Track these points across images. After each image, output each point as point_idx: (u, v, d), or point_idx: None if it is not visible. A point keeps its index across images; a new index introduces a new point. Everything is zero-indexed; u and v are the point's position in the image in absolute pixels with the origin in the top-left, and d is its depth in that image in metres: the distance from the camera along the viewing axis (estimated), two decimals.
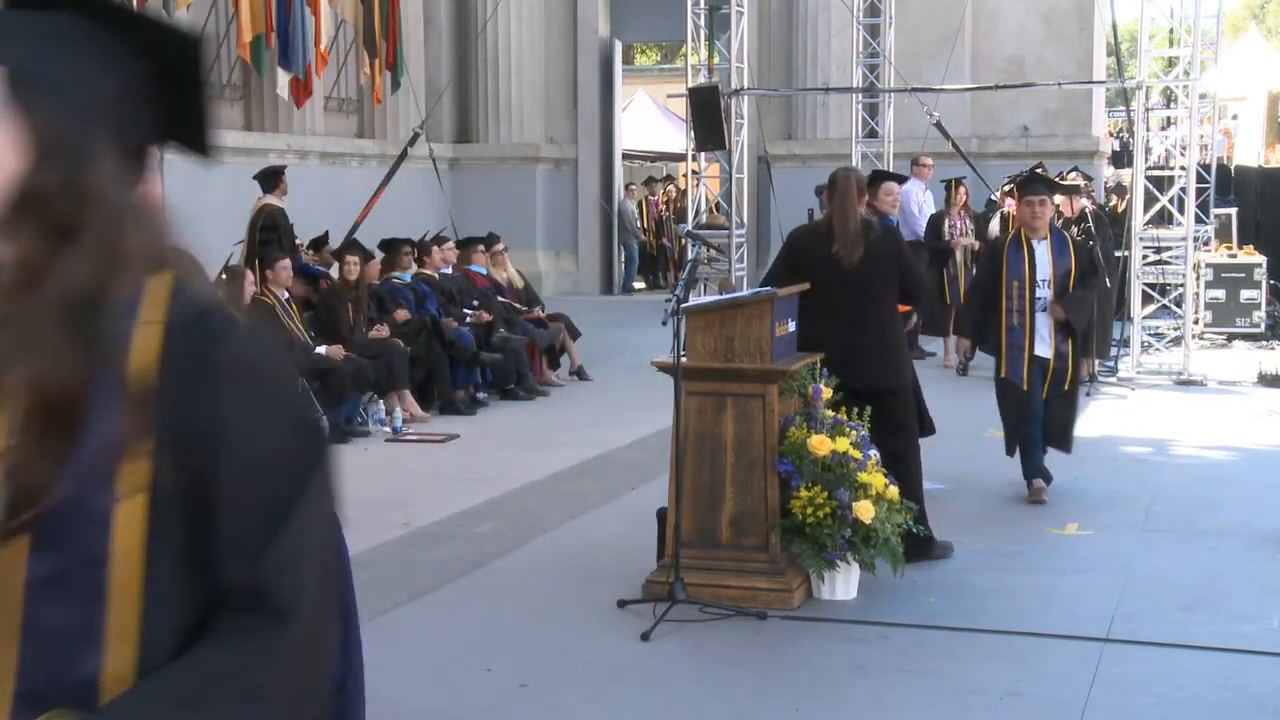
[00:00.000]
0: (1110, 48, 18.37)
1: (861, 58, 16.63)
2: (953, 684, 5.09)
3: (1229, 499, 8.05)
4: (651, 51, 37.08)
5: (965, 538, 7.02)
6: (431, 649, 5.46)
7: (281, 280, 10.10)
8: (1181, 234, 13.17)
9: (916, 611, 5.89)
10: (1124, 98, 13.60)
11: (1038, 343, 7.85)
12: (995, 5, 19.05)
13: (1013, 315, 7.83)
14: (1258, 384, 12.27)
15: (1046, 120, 18.96)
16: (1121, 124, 20.53)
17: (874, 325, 6.66)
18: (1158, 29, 14.56)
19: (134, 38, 1.55)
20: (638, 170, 27.28)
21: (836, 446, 5.93)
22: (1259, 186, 20.28)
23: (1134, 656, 5.39)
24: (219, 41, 15.84)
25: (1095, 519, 7.52)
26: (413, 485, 8.43)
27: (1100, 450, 9.59)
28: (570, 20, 20.42)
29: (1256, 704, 4.90)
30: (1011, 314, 7.84)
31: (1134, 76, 13.41)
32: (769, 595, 5.87)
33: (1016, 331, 7.86)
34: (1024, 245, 7.88)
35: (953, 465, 8.64)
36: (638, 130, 25.95)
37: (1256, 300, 15.45)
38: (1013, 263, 7.88)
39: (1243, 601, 6.08)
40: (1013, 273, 7.85)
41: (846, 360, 6.46)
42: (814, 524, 5.85)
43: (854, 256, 6.59)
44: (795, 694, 4.98)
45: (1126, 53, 15.69)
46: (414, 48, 18.32)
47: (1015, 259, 7.87)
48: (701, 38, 15.25)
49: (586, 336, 13.14)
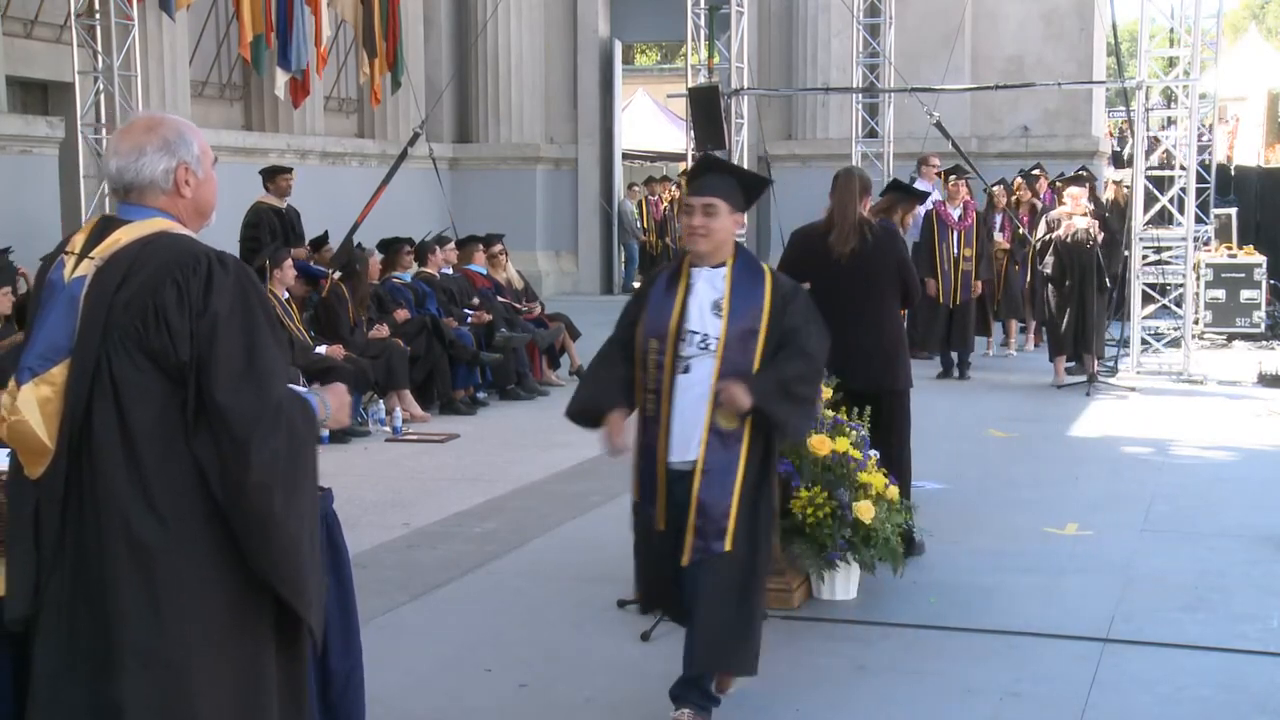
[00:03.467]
0: (1110, 48, 18.38)
1: (861, 58, 16.63)
2: (953, 684, 5.09)
3: (1229, 499, 8.04)
4: (651, 51, 37.07)
5: (965, 538, 7.03)
6: (431, 649, 5.46)
7: (286, 280, 10.12)
8: (1181, 234, 13.17)
9: (916, 611, 5.89)
10: (1124, 98, 13.59)
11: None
12: (995, 5, 19.05)
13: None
14: (1258, 384, 12.26)
15: (1046, 120, 18.96)
16: (1122, 124, 20.54)
17: (872, 325, 6.65)
18: (1158, 29, 14.56)
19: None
20: (638, 170, 27.27)
21: (836, 446, 5.93)
22: (1259, 186, 20.28)
23: (1134, 656, 5.39)
24: (219, 41, 15.85)
25: (1095, 519, 7.51)
26: (413, 485, 8.43)
27: (1100, 450, 9.60)
28: (570, 20, 20.41)
29: (1256, 704, 4.90)
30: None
31: (1134, 76, 13.41)
32: (769, 595, 5.84)
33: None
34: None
35: (952, 465, 8.65)
36: (638, 130, 25.95)
37: (1256, 300, 15.45)
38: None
39: (1243, 601, 6.08)
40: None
41: (844, 360, 6.45)
42: (814, 524, 5.85)
43: (846, 247, 6.58)
44: (795, 694, 4.98)
45: (1126, 53, 15.70)
46: (414, 48, 18.32)
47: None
48: (701, 38, 15.25)
49: (586, 336, 13.13)
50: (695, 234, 4.52)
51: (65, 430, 2.94)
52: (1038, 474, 8.72)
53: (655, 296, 4.56)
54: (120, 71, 11.95)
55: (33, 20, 13.53)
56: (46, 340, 2.99)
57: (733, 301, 4.48)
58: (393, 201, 14.41)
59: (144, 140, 3.10)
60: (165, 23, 13.74)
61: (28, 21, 13.52)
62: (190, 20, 14.88)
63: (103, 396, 2.93)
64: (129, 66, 12.06)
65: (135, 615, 2.93)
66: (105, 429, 2.93)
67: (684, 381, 4.46)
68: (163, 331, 2.92)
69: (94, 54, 11.97)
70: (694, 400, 4.44)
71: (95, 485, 2.94)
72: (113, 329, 2.94)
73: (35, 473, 2.97)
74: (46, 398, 2.95)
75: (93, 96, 12.02)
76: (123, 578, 2.93)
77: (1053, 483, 8.45)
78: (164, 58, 14.10)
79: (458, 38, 20.11)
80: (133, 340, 2.93)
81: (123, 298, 2.94)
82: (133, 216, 3.07)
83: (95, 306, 2.95)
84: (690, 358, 4.45)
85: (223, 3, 15.57)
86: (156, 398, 2.94)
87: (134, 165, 3.08)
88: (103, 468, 2.93)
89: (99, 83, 11.99)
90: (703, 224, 4.51)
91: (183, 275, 2.95)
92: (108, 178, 3.13)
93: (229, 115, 16.47)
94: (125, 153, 3.09)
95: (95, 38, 11.94)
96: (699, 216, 4.51)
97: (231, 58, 15.62)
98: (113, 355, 2.93)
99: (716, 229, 4.50)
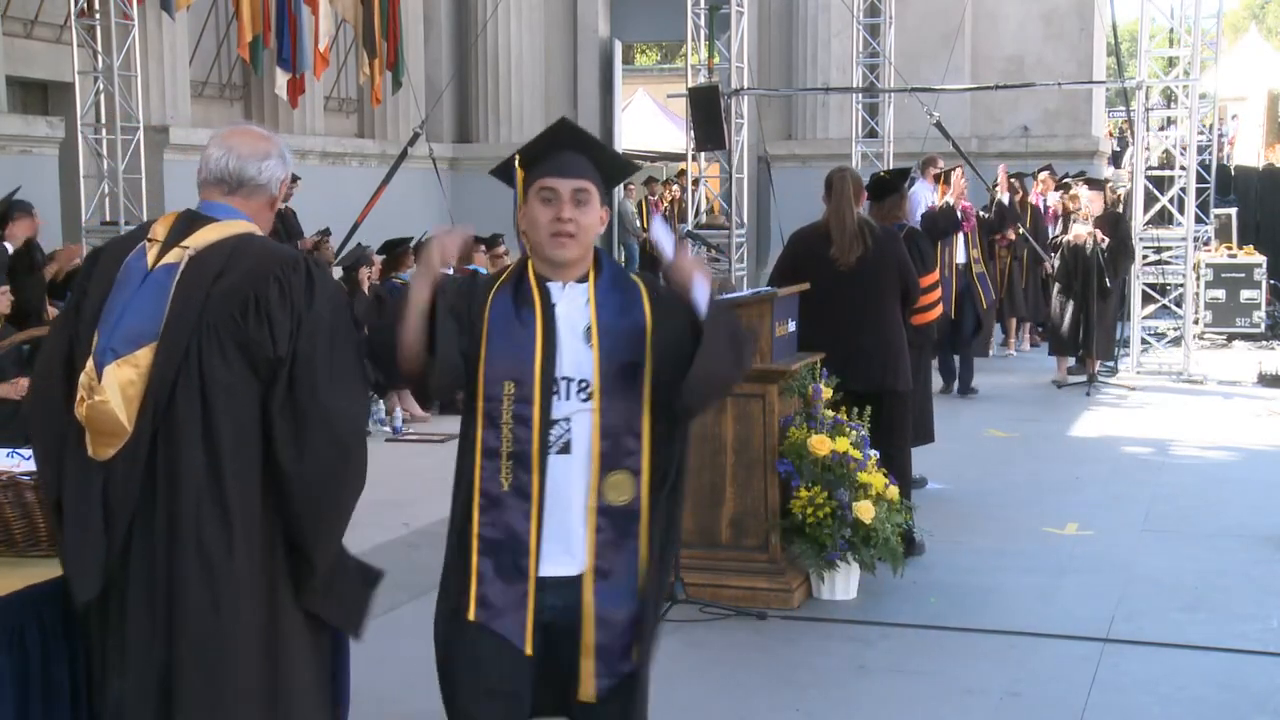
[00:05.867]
0: (1110, 48, 18.38)
1: (861, 58, 16.63)
2: (953, 684, 5.09)
3: (1229, 499, 8.04)
4: (651, 51, 37.08)
5: (965, 538, 7.03)
6: (430, 648, 5.44)
7: None
8: (1181, 234, 13.17)
9: (916, 611, 5.89)
10: (1124, 98, 13.59)
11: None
12: (995, 5, 19.05)
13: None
14: (1258, 384, 12.27)
15: (1046, 120, 18.96)
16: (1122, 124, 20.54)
17: (873, 326, 6.66)
18: (1158, 29, 14.55)
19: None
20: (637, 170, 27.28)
21: (836, 446, 5.93)
22: (1259, 186, 20.28)
23: (1134, 656, 5.39)
24: (219, 41, 15.84)
25: (1095, 519, 7.52)
26: (413, 485, 8.42)
27: (1100, 450, 9.60)
28: (570, 20, 20.42)
29: (1256, 704, 4.90)
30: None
31: (1134, 76, 13.41)
32: (769, 595, 5.87)
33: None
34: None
35: (953, 465, 8.65)
36: (638, 130, 25.95)
37: (1256, 300, 15.46)
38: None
39: (1243, 601, 6.08)
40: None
41: (846, 361, 6.46)
42: (814, 524, 5.85)
43: (850, 257, 6.59)
44: (795, 694, 4.98)
45: (1126, 53, 15.70)
46: (414, 48, 18.32)
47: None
48: (701, 38, 15.24)
49: None
50: (562, 233, 3.09)
51: (147, 414, 2.96)
52: (1038, 474, 8.73)
53: (497, 319, 3.11)
54: (120, 71, 11.95)
55: (33, 20, 13.53)
56: (132, 323, 2.99)
57: (602, 324, 3.10)
58: (393, 201, 14.42)
59: (268, 146, 3.18)
60: (165, 23, 13.75)
61: (28, 21, 13.52)
62: (190, 20, 14.88)
63: (188, 383, 2.96)
64: (129, 66, 12.06)
65: (195, 606, 2.98)
66: (188, 416, 2.96)
67: (560, 463, 3.10)
68: (263, 324, 2.95)
69: (94, 54, 11.98)
70: (574, 472, 3.09)
71: (172, 472, 2.97)
72: (207, 317, 2.96)
73: (105, 454, 2.98)
74: (130, 380, 2.96)
75: (93, 96, 12.03)
76: (187, 564, 2.97)
77: (1053, 483, 8.45)
78: (164, 58, 14.10)
79: (458, 38, 20.11)
80: (228, 330, 2.96)
81: (221, 287, 2.97)
82: (220, 215, 3.10)
83: (190, 294, 2.98)
84: (566, 416, 3.08)
85: (223, 3, 15.57)
86: (240, 391, 2.97)
87: (258, 164, 3.14)
88: (180, 455, 2.96)
89: (99, 83, 11.99)
90: (573, 218, 3.10)
91: (283, 272, 2.99)
92: (217, 171, 3.13)
93: (229, 115, 16.46)
94: (247, 153, 3.14)
95: (95, 38, 11.95)
96: (567, 207, 3.09)
97: (231, 58, 15.61)
98: (204, 343, 2.97)
99: (588, 226, 3.13)
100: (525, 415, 3.08)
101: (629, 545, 3.11)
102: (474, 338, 3.11)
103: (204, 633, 2.98)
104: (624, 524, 3.10)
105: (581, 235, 3.11)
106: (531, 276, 3.15)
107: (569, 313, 3.12)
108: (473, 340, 3.11)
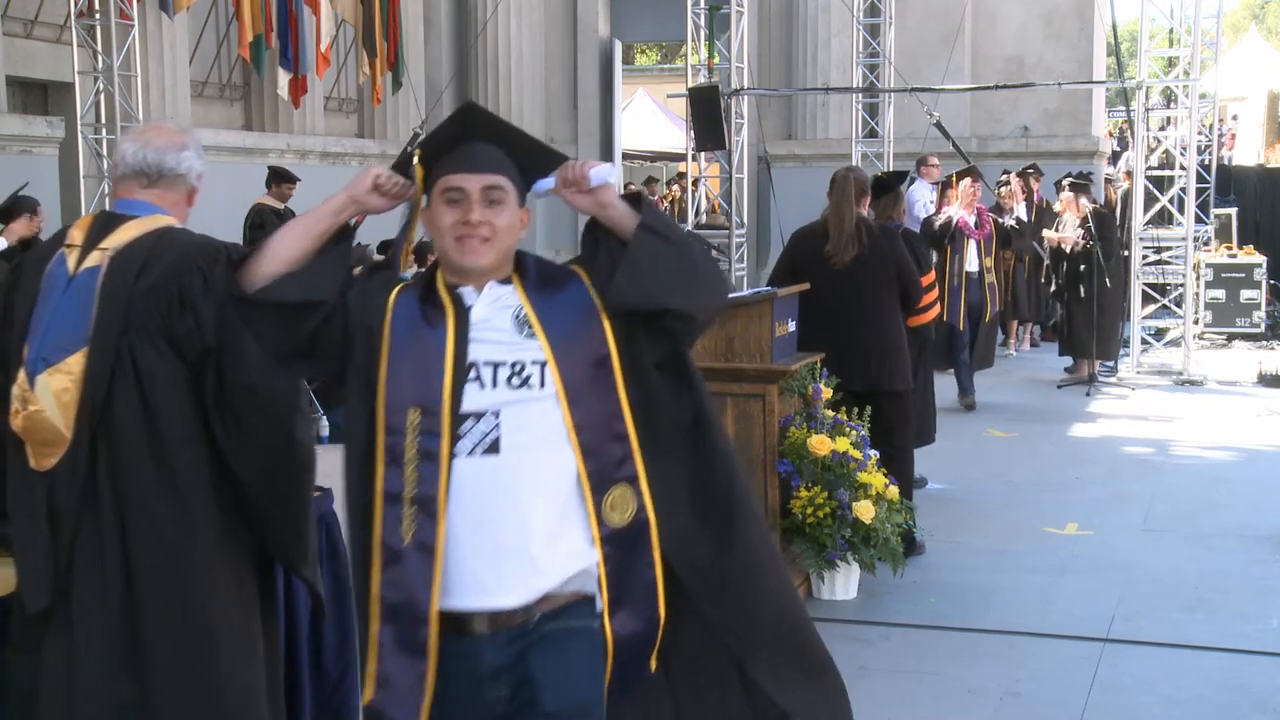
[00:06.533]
0: (1110, 48, 18.37)
1: (861, 58, 16.63)
2: (953, 684, 5.09)
3: (1229, 499, 8.04)
4: (651, 51, 37.06)
5: (965, 538, 7.03)
6: None
7: None
8: (1181, 234, 13.17)
9: (916, 611, 5.90)
10: (1124, 98, 13.58)
11: None
12: (995, 5, 19.04)
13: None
14: (1258, 384, 12.27)
15: (1046, 120, 18.95)
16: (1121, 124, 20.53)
17: (871, 326, 6.66)
18: (1158, 29, 14.55)
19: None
20: (638, 170, 27.26)
21: (836, 446, 5.93)
22: (1259, 186, 20.28)
23: (1134, 656, 5.39)
24: (219, 41, 15.84)
25: (1095, 519, 7.52)
26: None
27: (1100, 450, 9.60)
28: (570, 20, 20.41)
29: (1256, 704, 4.90)
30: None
31: (1134, 76, 13.41)
32: None
33: None
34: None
35: (953, 465, 8.65)
36: (638, 130, 25.94)
37: (1256, 300, 15.45)
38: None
39: (1243, 601, 6.08)
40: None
41: (844, 360, 6.47)
42: (814, 524, 5.85)
43: (845, 257, 6.60)
44: None
45: (1126, 53, 15.70)
46: (414, 48, 18.32)
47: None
48: (701, 38, 15.24)
49: None
50: (472, 236, 2.60)
51: (84, 419, 2.95)
52: (1038, 474, 8.73)
53: (400, 331, 2.60)
54: (120, 71, 11.94)
55: (33, 20, 13.53)
56: (60, 331, 3.00)
57: (541, 310, 2.62)
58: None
59: (184, 139, 3.20)
60: (165, 23, 13.74)
61: (28, 21, 13.51)
62: (190, 20, 14.88)
63: (125, 384, 2.95)
64: (129, 66, 12.06)
65: (157, 599, 2.97)
66: (129, 416, 2.96)
67: (486, 468, 2.53)
68: (188, 317, 2.96)
69: (94, 54, 11.97)
70: (513, 475, 2.54)
71: (116, 473, 2.96)
72: (134, 316, 2.96)
73: (46, 464, 2.98)
74: (64, 387, 2.96)
75: (93, 96, 12.02)
76: (146, 563, 2.96)
77: (1053, 483, 8.45)
78: (164, 58, 14.09)
79: (458, 38, 20.10)
80: (157, 327, 2.97)
81: (144, 285, 2.98)
82: (137, 212, 3.10)
83: (114, 295, 2.98)
84: (495, 409, 2.54)
85: (223, 3, 15.56)
86: (178, 385, 2.97)
87: (176, 156, 3.15)
88: (125, 455, 2.96)
89: (99, 83, 11.99)
90: (484, 220, 2.60)
91: (205, 263, 2.99)
92: (135, 164, 3.13)
93: (229, 115, 16.46)
94: (164, 145, 3.15)
95: (95, 38, 11.94)
96: (477, 208, 2.60)
97: (231, 58, 15.60)
98: (135, 343, 2.96)
99: (504, 229, 2.63)
100: (432, 451, 2.52)
101: (643, 560, 2.63)
102: (371, 354, 2.60)
103: (167, 615, 2.97)
104: (634, 540, 2.63)
105: (497, 239, 2.61)
106: (441, 284, 2.65)
107: (490, 313, 2.61)
108: (370, 357, 2.60)
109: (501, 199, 2.63)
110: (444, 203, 2.63)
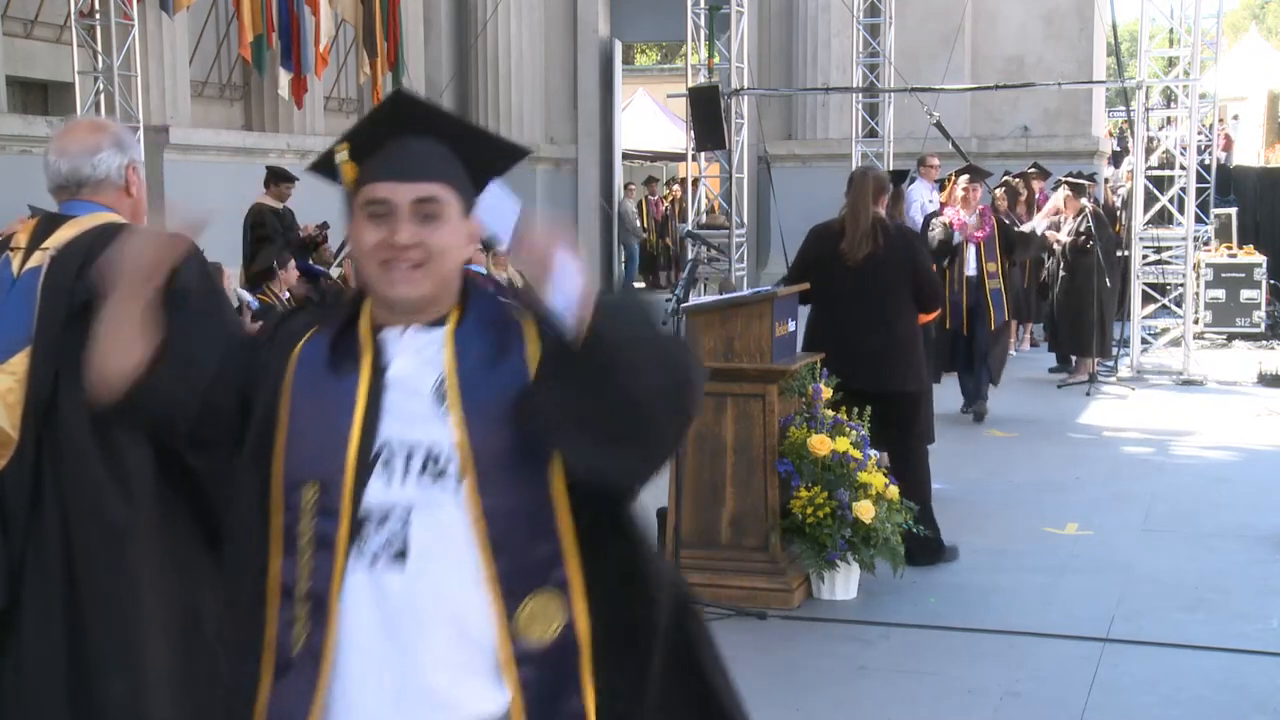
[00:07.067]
0: (1110, 48, 18.38)
1: (861, 58, 16.63)
2: (953, 684, 5.09)
3: (1229, 499, 8.04)
4: (651, 51, 37.06)
5: (965, 538, 7.02)
6: None
7: (290, 280, 10.15)
8: (1181, 234, 13.17)
9: (916, 611, 5.90)
10: (1124, 98, 13.59)
11: None
12: (995, 5, 19.05)
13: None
14: (1258, 384, 12.26)
15: (1046, 120, 18.96)
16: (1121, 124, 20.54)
17: (887, 326, 6.61)
18: (1158, 29, 14.56)
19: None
20: (638, 170, 27.27)
21: (836, 446, 5.93)
22: (1259, 186, 20.28)
23: (1134, 656, 5.39)
24: (219, 41, 15.85)
25: (1095, 519, 7.52)
26: None
27: (1100, 450, 9.60)
28: (570, 20, 20.41)
29: (1256, 704, 4.90)
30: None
31: (1134, 76, 13.41)
32: (769, 595, 5.87)
33: None
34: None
35: (953, 465, 8.64)
36: (638, 130, 25.94)
37: (1256, 300, 15.45)
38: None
39: (1243, 601, 6.08)
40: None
41: (859, 362, 6.42)
42: (814, 524, 5.85)
43: (859, 254, 6.57)
44: (795, 694, 4.98)
45: (1126, 53, 15.69)
46: (414, 48, 18.32)
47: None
48: (701, 38, 15.24)
49: None
50: (401, 261, 2.07)
51: (30, 419, 2.94)
52: (1038, 474, 8.73)
53: (303, 389, 2.11)
54: (120, 71, 11.94)
55: (33, 20, 13.54)
56: (3, 332, 3.00)
57: (464, 374, 2.09)
58: None
59: (96, 139, 3.15)
60: (165, 22, 13.75)
61: (28, 21, 13.52)
62: (190, 20, 14.88)
63: (70, 382, 2.92)
64: (129, 66, 12.06)
65: (103, 601, 2.96)
66: (74, 414, 2.93)
67: (390, 584, 2.03)
68: None
69: (94, 54, 11.97)
70: (422, 590, 2.03)
71: (64, 470, 2.96)
72: (77, 313, 2.94)
73: None
74: (8, 388, 2.97)
75: (93, 96, 12.02)
76: (97, 560, 2.95)
77: (1053, 483, 8.45)
78: (164, 58, 14.10)
79: (458, 38, 20.11)
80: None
81: (86, 281, 2.95)
82: (78, 212, 3.11)
83: (55, 293, 2.98)
84: (405, 506, 2.03)
85: (223, 3, 15.57)
86: None
87: (90, 161, 3.12)
88: (72, 452, 2.95)
89: (99, 83, 11.99)
90: (416, 241, 2.08)
91: None
92: (55, 178, 3.14)
93: (229, 115, 16.46)
94: (77, 152, 3.13)
95: (95, 38, 11.94)
96: (406, 226, 2.07)
97: (231, 58, 15.61)
98: (80, 339, 2.95)
99: (443, 251, 2.11)
100: (329, 537, 2.03)
101: (569, 691, 2.08)
102: (266, 423, 2.10)
103: (121, 611, 2.96)
104: (559, 664, 2.07)
105: (432, 264, 2.08)
106: (363, 323, 2.13)
107: (412, 370, 2.09)
108: (264, 427, 2.10)
109: (438, 212, 2.09)
110: (367, 217, 2.09)
